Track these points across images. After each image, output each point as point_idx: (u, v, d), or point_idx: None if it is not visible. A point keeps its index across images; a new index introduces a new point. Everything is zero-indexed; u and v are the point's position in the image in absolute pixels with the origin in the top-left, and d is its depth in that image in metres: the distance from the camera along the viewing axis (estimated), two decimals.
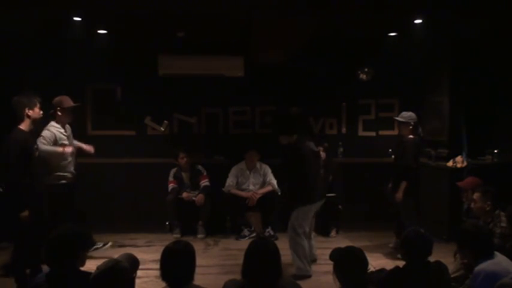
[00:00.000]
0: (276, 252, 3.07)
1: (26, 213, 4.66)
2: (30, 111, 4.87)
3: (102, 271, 2.78)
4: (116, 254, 5.43)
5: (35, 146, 5.07)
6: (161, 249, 3.08)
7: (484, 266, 3.46)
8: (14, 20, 5.88)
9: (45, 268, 3.16)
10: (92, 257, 5.56)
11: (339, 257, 3.25)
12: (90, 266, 3.19)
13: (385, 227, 6.64)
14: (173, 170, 7.17)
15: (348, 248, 3.34)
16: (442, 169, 6.69)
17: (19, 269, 4.76)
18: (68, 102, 5.72)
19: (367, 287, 3.13)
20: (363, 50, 7.25)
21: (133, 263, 3.38)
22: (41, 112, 5.00)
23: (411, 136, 6.05)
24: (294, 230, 5.32)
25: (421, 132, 6.32)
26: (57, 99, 5.68)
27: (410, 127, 6.04)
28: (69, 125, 5.86)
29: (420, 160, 6.39)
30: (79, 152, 6.09)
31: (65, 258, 2.98)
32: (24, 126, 4.88)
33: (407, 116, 6.08)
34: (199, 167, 7.22)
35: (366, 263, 3.16)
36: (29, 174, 4.76)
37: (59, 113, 5.65)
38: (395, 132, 7.50)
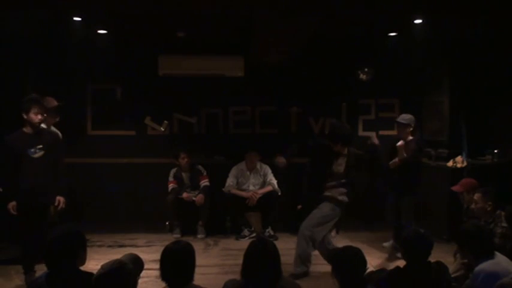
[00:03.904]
0: (275, 252, 3.07)
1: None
2: (25, 115, 4.89)
3: (106, 272, 2.73)
4: (116, 254, 5.46)
5: (34, 149, 4.94)
6: (161, 249, 3.08)
7: (484, 266, 3.46)
8: (14, 20, 5.88)
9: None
10: (92, 258, 5.60)
11: (337, 257, 3.25)
12: (91, 266, 3.19)
13: (385, 227, 6.63)
14: (173, 170, 7.17)
15: (346, 248, 3.34)
16: (442, 169, 6.68)
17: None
18: (51, 102, 5.62)
19: (366, 287, 3.13)
20: (363, 50, 7.25)
21: (138, 265, 3.36)
22: (38, 117, 4.91)
23: (411, 137, 6.03)
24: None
25: (420, 132, 6.31)
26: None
27: (410, 129, 6.03)
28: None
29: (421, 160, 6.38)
30: (78, 152, 6.07)
31: (64, 258, 2.97)
32: (25, 128, 4.95)
33: (407, 118, 6.06)
34: (199, 167, 7.22)
35: (364, 262, 3.16)
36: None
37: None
38: (395, 132, 7.48)
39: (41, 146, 4.95)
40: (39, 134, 5.00)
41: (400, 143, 5.91)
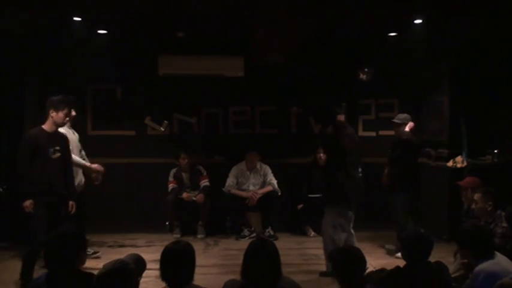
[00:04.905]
0: (275, 252, 3.06)
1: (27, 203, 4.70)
2: (54, 113, 4.84)
3: (108, 272, 2.74)
4: (117, 254, 5.46)
5: (53, 149, 4.88)
6: (161, 249, 3.08)
7: (484, 266, 3.46)
8: (14, 21, 5.88)
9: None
10: (92, 258, 5.60)
11: (337, 256, 3.25)
12: (91, 266, 3.19)
13: (385, 227, 6.63)
14: (173, 170, 7.17)
15: (346, 247, 3.35)
16: (442, 169, 6.69)
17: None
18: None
19: (366, 287, 3.13)
20: (363, 50, 7.24)
21: (140, 265, 3.35)
22: (67, 119, 4.96)
23: (407, 130, 6.05)
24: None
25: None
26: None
27: (405, 127, 6.06)
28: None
29: (419, 160, 6.38)
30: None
31: (64, 258, 2.98)
32: (45, 126, 4.90)
33: (402, 117, 6.15)
34: (199, 167, 7.22)
35: (364, 262, 3.17)
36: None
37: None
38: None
39: (58, 148, 4.91)
40: (56, 134, 4.97)
41: None
